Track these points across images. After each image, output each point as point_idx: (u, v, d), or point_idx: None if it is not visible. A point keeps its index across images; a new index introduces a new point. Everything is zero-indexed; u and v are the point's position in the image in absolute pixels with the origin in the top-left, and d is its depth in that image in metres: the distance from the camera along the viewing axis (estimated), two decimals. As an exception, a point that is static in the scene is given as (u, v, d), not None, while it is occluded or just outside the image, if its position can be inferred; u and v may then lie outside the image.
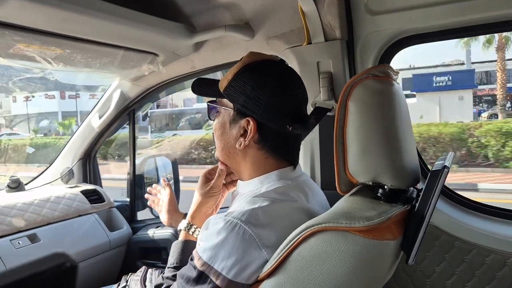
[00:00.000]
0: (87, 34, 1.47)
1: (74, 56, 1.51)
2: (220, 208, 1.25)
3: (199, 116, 17.39)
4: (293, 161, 1.08)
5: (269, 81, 1.01)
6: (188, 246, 1.14)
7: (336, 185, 1.00)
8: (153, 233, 2.08)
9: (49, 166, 2.37)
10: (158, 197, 1.51)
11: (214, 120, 1.11)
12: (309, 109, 1.56)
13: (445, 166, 0.88)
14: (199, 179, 1.20)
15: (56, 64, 1.49)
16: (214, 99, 1.11)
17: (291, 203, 1.00)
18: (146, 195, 1.57)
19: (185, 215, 1.46)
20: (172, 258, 1.14)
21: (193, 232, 1.17)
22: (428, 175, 0.93)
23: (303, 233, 0.85)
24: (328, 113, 1.55)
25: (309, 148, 1.62)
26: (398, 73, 1.05)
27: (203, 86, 1.15)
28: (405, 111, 1.01)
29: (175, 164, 2.32)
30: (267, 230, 0.92)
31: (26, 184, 2.22)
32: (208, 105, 1.12)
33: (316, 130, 1.60)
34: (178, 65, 1.88)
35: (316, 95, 1.56)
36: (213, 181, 1.17)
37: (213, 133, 1.13)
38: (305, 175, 1.14)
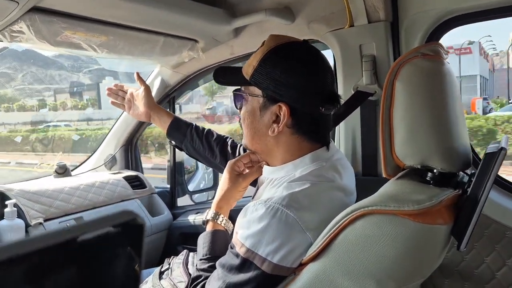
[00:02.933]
0: (129, 21, 1.49)
1: (117, 43, 1.54)
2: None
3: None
4: (326, 142, 1.05)
5: (298, 63, 0.98)
6: (218, 236, 1.13)
7: (382, 168, 0.96)
8: (193, 219, 2.11)
9: (94, 152, 2.44)
10: (123, 94, 1.54)
11: (241, 109, 1.09)
12: (351, 93, 1.53)
13: (502, 148, 0.83)
14: (226, 171, 1.18)
15: (101, 51, 1.53)
16: (239, 87, 1.08)
17: (328, 183, 0.98)
18: (107, 93, 1.56)
19: (168, 113, 1.50)
20: (203, 250, 1.12)
21: (221, 222, 1.15)
22: (483, 157, 0.88)
23: (349, 216, 0.83)
24: (370, 98, 1.51)
25: (350, 134, 1.59)
26: (449, 52, 1.00)
27: (226, 75, 1.14)
28: (456, 92, 0.96)
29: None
30: (309, 213, 0.91)
31: (72, 170, 2.30)
32: (234, 94, 1.10)
33: (357, 115, 1.56)
34: (218, 51, 1.88)
35: (358, 79, 1.52)
36: (246, 176, 1.15)
37: (240, 122, 1.11)
38: (338, 153, 1.11)
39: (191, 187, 2.51)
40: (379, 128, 0.95)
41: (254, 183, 1.21)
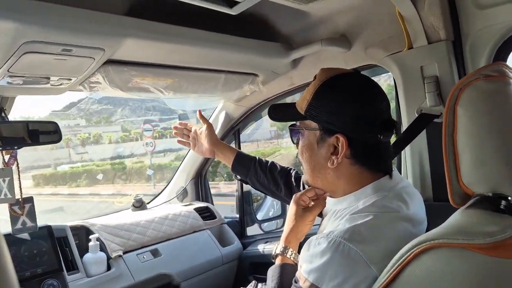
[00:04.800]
0: (192, 63, 1.58)
1: (181, 83, 1.64)
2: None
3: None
4: (388, 170, 1.02)
5: (351, 93, 0.98)
6: (286, 270, 1.13)
7: (449, 197, 0.92)
8: (263, 248, 2.13)
9: (166, 186, 2.57)
10: (187, 132, 1.61)
11: (298, 143, 1.09)
12: (414, 116, 1.48)
13: None
14: (292, 206, 1.18)
15: (167, 92, 1.63)
16: (295, 122, 1.09)
17: (392, 214, 0.95)
18: (174, 132, 1.65)
19: (231, 148, 1.56)
20: (272, 283, 1.13)
21: (290, 255, 1.15)
22: None
23: (415, 249, 0.79)
24: (436, 120, 1.45)
25: (417, 158, 1.53)
26: (516, 70, 0.94)
27: (280, 111, 1.16)
28: (526, 112, 0.90)
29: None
30: (373, 246, 0.88)
31: (148, 203, 2.44)
32: (290, 129, 1.11)
33: (423, 138, 1.50)
34: (278, 83, 1.93)
35: (422, 101, 1.47)
36: (312, 209, 1.15)
37: (298, 157, 1.11)
38: (403, 182, 1.07)
39: (259, 216, 2.54)
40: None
41: (320, 214, 1.20)
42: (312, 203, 1.18)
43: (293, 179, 1.47)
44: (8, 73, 1.20)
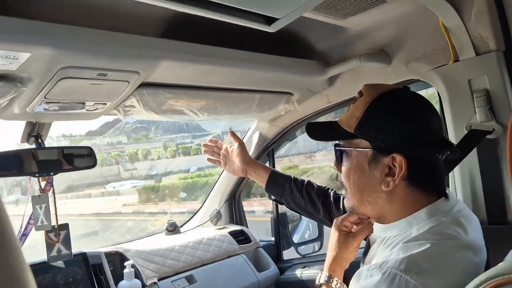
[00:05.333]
0: (227, 83, 1.55)
1: (216, 105, 1.61)
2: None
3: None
4: (443, 192, 0.93)
5: (407, 110, 0.91)
6: None
7: None
8: (301, 273, 2.04)
9: (200, 208, 2.53)
10: (218, 150, 1.56)
11: (341, 165, 1.01)
12: (463, 133, 1.38)
13: None
14: (333, 231, 1.10)
15: (202, 114, 1.60)
16: (339, 142, 1.02)
17: (451, 242, 0.86)
18: (203, 150, 1.60)
19: (265, 167, 1.49)
20: None
21: (335, 285, 1.07)
22: None
23: (486, 284, 0.71)
24: (488, 136, 1.35)
25: (468, 179, 1.42)
26: None
27: (319, 130, 1.10)
28: None
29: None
30: (433, 278, 0.80)
31: (181, 227, 2.40)
32: (336, 150, 1.02)
33: (474, 157, 1.40)
34: (314, 101, 1.87)
35: (471, 117, 1.38)
36: (356, 235, 1.07)
37: (340, 180, 1.03)
38: (459, 204, 0.97)
39: (295, 238, 2.45)
40: (506, 171, 0.82)
41: (365, 238, 1.12)
42: (355, 227, 1.11)
43: (331, 200, 1.39)
44: (45, 100, 1.19)
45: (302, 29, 1.51)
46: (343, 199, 1.34)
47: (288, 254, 2.35)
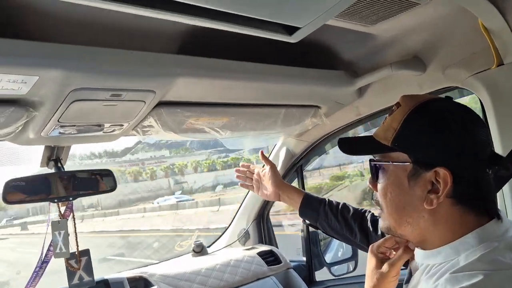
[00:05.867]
0: (249, 99, 1.48)
1: (238, 122, 1.53)
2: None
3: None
4: (495, 212, 0.82)
5: (452, 121, 0.81)
6: None
7: None
8: (335, 297, 1.91)
9: (227, 228, 2.44)
10: (250, 175, 1.52)
11: (377, 181, 0.90)
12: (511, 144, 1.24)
13: None
14: (370, 258, 0.98)
15: (224, 132, 1.53)
16: (373, 157, 0.93)
17: (508, 272, 0.73)
18: (236, 175, 1.56)
19: (298, 190, 1.43)
20: None
21: None
22: None
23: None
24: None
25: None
26: None
27: (353, 144, 1.01)
28: None
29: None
30: None
31: (208, 247, 2.32)
32: (372, 165, 0.92)
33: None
34: (342, 114, 1.76)
35: (521, 126, 1.24)
36: (395, 262, 0.93)
37: (375, 198, 0.93)
38: None
39: (328, 257, 2.32)
40: None
41: (406, 264, 1.00)
42: (394, 252, 0.99)
43: (369, 223, 1.29)
44: (59, 123, 1.14)
45: (326, 38, 1.42)
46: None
47: (321, 275, 2.23)
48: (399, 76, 1.50)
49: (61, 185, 1.40)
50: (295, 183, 2.20)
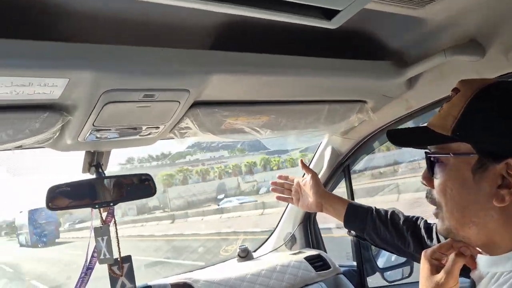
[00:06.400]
0: (289, 95, 1.40)
1: (279, 120, 1.46)
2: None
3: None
4: None
5: None
6: None
7: None
8: (390, 305, 1.78)
9: (273, 231, 2.37)
10: (288, 186, 1.47)
11: (436, 177, 0.80)
12: None
13: None
14: (423, 266, 0.86)
15: (264, 131, 1.46)
16: (428, 150, 0.83)
17: None
18: (271, 187, 1.51)
19: (341, 199, 1.35)
20: None
21: None
22: None
23: None
24: None
25: None
26: None
27: (404, 135, 0.92)
28: None
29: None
30: None
31: (254, 251, 2.25)
32: (428, 158, 0.82)
33: None
34: (391, 108, 1.64)
35: None
36: (452, 270, 0.79)
37: (430, 196, 0.83)
38: None
39: (380, 262, 2.18)
40: None
41: (466, 275, 0.88)
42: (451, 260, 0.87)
43: (423, 231, 1.19)
44: (94, 127, 1.12)
45: (370, 26, 1.31)
46: (435, 226, 1.12)
47: (373, 281, 2.09)
48: (454, 63, 1.36)
49: (102, 191, 1.39)
50: (342, 184, 2.09)
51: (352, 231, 1.32)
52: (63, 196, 1.33)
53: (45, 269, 14.83)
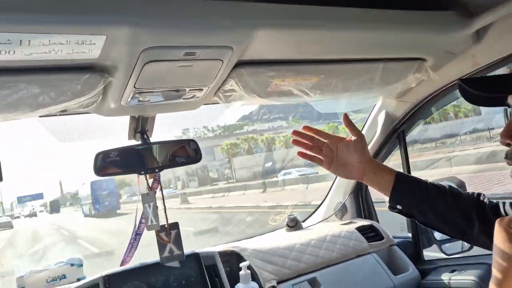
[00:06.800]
0: (340, 53, 1.29)
1: (330, 81, 1.35)
2: None
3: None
4: None
5: None
6: None
7: None
8: (449, 279, 1.68)
9: (323, 201, 2.30)
10: (319, 143, 1.21)
11: None
12: None
13: None
14: (500, 236, 0.77)
15: (313, 93, 1.36)
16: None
17: None
18: (292, 139, 1.23)
19: (388, 168, 1.16)
20: None
21: None
22: None
23: None
24: None
25: None
26: None
27: (481, 84, 0.85)
28: None
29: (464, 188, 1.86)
30: None
31: (303, 222, 2.20)
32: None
33: None
34: (454, 66, 1.48)
35: None
36: None
37: (510, 155, 0.75)
38: None
39: (438, 234, 2.06)
40: None
41: None
42: None
43: (488, 209, 1.05)
44: (136, 89, 1.08)
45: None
46: (504, 205, 0.99)
47: (430, 253, 1.98)
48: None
49: (148, 157, 1.37)
50: (396, 152, 1.96)
51: (397, 206, 1.12)
52: (110, 162, 1.32)
53: (102, 236, 15.74)
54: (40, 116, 1.21)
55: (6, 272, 9.85)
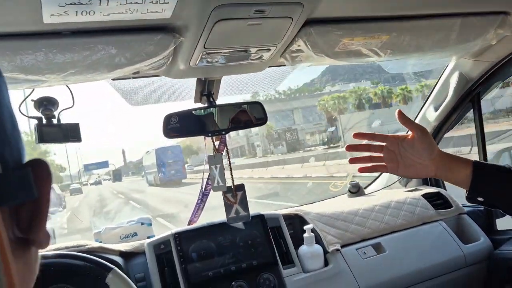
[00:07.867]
0: (414, 8, 1.21)
1: (402, 39, 1.28)
2: None
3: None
4: None
5: None
6: None
7: None
8: (524, 250, 1.59)
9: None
10: (378, 149, 1.08)
11: None
12: None
13: None
14: None
15: (383, 53, 1.30)
16: None
17: None
18: (349, 159, 1.09)
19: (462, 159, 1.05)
20: None
21: None
22: None
23: None
24: None
25: None
26: None
27: None
28: None
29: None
30: None
31: (365, 188, 2.16)
32: None
33: None
34: (542, 20, 1.35)
35: None
36: None
37: None
38: None
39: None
40: None
41: None
42: None
43: None
44: (205, 50, 1.09)
45: None
46: None
47: (504, 223, 1.88)
48: None
49: (214, 120, 1.39)
50: (470, 115, 1.85)
51: (478, 198, 1.02)
52: (178, 124, 1.35)
53: (163, 204, 16.41)
54: (113, 79, 1.26)
55: (84, 228, 11.34)
